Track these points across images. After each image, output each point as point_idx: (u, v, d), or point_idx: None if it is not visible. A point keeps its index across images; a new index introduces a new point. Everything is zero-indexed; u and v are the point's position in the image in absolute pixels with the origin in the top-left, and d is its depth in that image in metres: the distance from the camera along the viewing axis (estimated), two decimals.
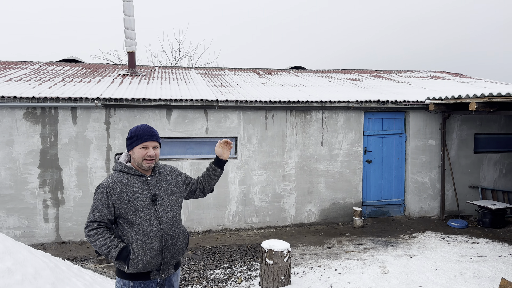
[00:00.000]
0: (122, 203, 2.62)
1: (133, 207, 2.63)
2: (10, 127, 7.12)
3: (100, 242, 2.57)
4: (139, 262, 2.60)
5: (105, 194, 2.62)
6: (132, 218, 2.63)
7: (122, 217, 2.64)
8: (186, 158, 7.92)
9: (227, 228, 8.10)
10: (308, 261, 6.25)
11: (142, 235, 2.62)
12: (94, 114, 7.45)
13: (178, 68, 12.89)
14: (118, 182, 2.65)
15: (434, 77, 13.35)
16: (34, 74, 9.76)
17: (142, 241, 2.61)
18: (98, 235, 2.58)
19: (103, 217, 2.62)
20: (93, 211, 2.63)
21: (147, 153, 2.68)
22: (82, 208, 7.44)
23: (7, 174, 7.14)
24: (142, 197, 2.66)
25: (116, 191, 2.62)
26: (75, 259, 6.43)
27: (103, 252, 2.58)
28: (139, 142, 2.68)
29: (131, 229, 2.63)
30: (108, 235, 2.60)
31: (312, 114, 8.38)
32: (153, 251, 2.63)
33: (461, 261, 6.04)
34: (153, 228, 2.64)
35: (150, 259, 2.63)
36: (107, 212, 2.62)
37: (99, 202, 2.62)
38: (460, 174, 9.10)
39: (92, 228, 2.60)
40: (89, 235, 2.60)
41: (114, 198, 2.61)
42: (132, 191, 2.65)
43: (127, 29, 10.55)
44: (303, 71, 13.86)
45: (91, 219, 2.62)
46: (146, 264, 2.62)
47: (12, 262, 3.28)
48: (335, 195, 8.57)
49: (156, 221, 2.66)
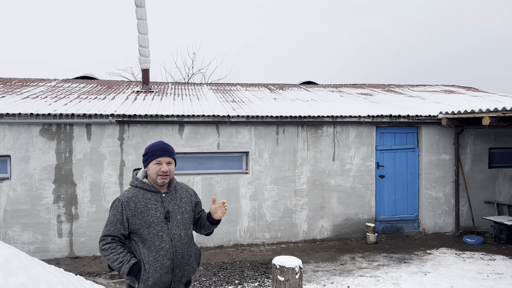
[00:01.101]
0: (136, 218, 2.64)
1: (146, 223, 2.64)
2: (26, 143, 7.28)
3: (113, 257, 2.59)
4: (149, 279, 2.61)
5: (120, 209, 2.65)
6: (145, 234, 2.64)
7: (135, 232, 2.66)
8: (198, 173, 7.97)
9: (239, 243, 8.08)
10: (321, 278, 6.18)
11: (153, 251, 2.63)
12: (108, 130, 7.58)
13: (191, 84, 13.06)
14: (134, 198, 2.68)
15: (446, 91, 13.27)
16: (51, 91, 10.00)
17: (153, 258, 2.62)
18: (111, 250, 2.61)
19: (117, 231, 2.64)
20: (107, 225, 2.66)
21: (160, 168, 2.71)
22: (96, 223, 7.52)
23: (22, 190, 7.27)
24: (156, 214, 2.68)
25: (131, 206, 2.65)
26: (87, 274, 6.47)
27: (115, 267, 2.60)
28: (153, 158, 2.73)
29: (143, 245, 2.64)
30: (121, 250, 2.62)
31: (323, 129, 8.39)
32: (164, 268, 2.63)
33: (477, 279, 5.91)
34: (165, 245, 2.65)
35: (161, 276, 2.63)
36: (121, 227, 2.65)
37: (114, 216, 2.65)
38: (475, 189, 8.96)
39: (106, 242, 2.63)
40: (102, 249, 2.63)
41: (129, 213, 2.64)
42: (146, 207, 2.67)
43: (141, 47, 10.77)
44: (315, 86, 13.91)
45: (105, 233, 2.65)
46: (157, 281, 2.62)
47: (25, 277, 3.32)
48: (347, 210, 8.50)
49: (168, 238, 2.67)
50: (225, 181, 8.00)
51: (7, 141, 7.21)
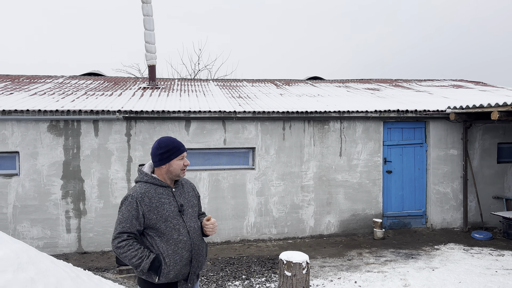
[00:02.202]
0: (152, 213, 2.63)
1: (163, 218, 2.65)
2: (34, 139, 7.34)
3: (131, 254, 2.56)
4: (170, 272, 2.61)
5: (135, 205, 2.61)
6: (162, 229, 2.64)
7: (152, 227, 2.65)
8: (204, 169, 7.99)
9: (246, 239, 8.09)
10: (328, 273, 6.18)
11: (172, 244, 2.64)
12: (115, 127, 7.60)
13: (197, 81, 13.06)
14: (147, 193, 2.67)
15: (455, 86, 13.14)
16: (58, 88, 10.05)
17: (172, 251, 2.63)
18: (129, 246, 2.57)
19: (132, 228, 2.61)
20: (122, 222, 2.61)
21: (183, 163, 2.78)
22: (104, 218, 7.57)
23: (31, 186, 7.34)
24: (170, 208, 2.69)
25: (146, 202, 2.64)
26: (96, 269, 6.52)
27: (133, 264, 2.56)
28: (177, 154, 2.76)
29: (161, 239, 2.64)
30: (138, 246, 2.60)
31: (330, 124, 8.35)
32: (183, 260, 2.67)
33: (485, 274, 5.87)
34: (183, 237, 2.68)
35: (181, 269, 2.66)
36: (137, 223, 2.61)
37: (129, 213, 2.61)
38: (483, 184, 8.88)
39: (122, 240, 2.58)
40: (118, 247, 2.57)
41: (144, 209, 2.62)
42: (161, 201, 2.68)
43: (147, 43, 10.78)
44: (321, 81, 13.85)
45: (120, 231, 2.59)
46: (177, 274, 2.65)
47: (35, 272, 3.35)
48: (354, 206, 8.48)
49: (185, 230, 2.70)
50: (231, 176, 8.00)
51: (16, 138, 7.27)
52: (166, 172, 2.77)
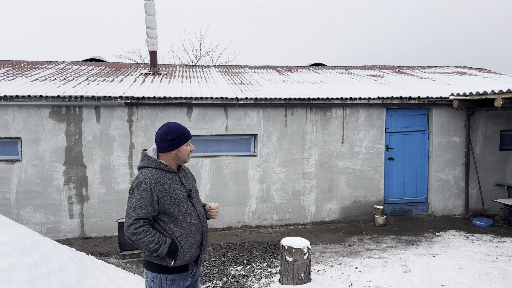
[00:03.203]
0: (165, 199, 2.66)
1: (175, 203, 2.69)
2: (36, 125, 7.33)
3: (148, 239, 2.56)
4: (186, 254, 2.69)
5: (149, 191, 2.61)
6: (175, 213, 2.69)
7: (165, 213, 2.68)
8: (206, 156, 7.99)
9: (247, 225, 8.14)
10: (329, 259, 6.22)
11: (186, 228, 2.71)
12: (117, 113, 7.59)
13: (199, 67, 12.99)
14: (159, 179, 2.67)
15: (458, 73, 13.05)
16: (59, 73, 10.01)
17: (186, 235, 2.70)
18: (146, 232, 2.57)
19: (148, 214, 2.61)
20: (137, 208, 2.59)
21: (189, 148, 2.84)
22: (106, 204, 7.61)
23: (33, 171, 7.36)
24: (180, 193, 2.75)
25: (159, 187, 2.65)
26: (99, 254, 6.58)
27: (151, 249, 2.57)
28: (186, 140, 2.80)
29: (174, 224, 2.69)
30: (154, 231, 2.61)
31: (332, 111, 8.32)
32: (196, 243, 2.76)
33: (486, 261, 5.90)
34: (194, 221, 2.76)
35: (194, 251, 2.75)
36: (152, 209, 2.62)
37: (144, 199, 2.60)
38: (485, 171, 8.87)
39: (139, 226, 2.57)
40: (135, 233, 2.56)
41: (159, 195, 2.64)
42: (172, 187, 2.71)
43: (148, 28, 10.70)
44: (323, 68, 13.76)
45: (136, 217, 2.58)
46: (191, 256, 2.74)
47: (38, 256, 3.38)
48: (356, 193, 8.49)
49: (196, 214, 2.79)
50: (233, 163, 8.01)
51: (18, 123, 7.27)
52: (174, 158, 2.79)
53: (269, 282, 5.33)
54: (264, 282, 5.34)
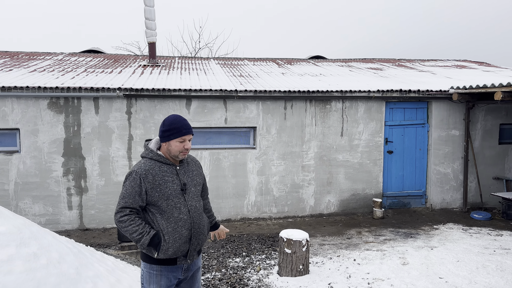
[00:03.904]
0: (154, 191, 2.66)
1: (165, 196, 2.67)
2: (34, 116, 7.30)
3: (132, 228, 2.60)
4: (169, 249, 2.65)
5: (139, 181, 2.64)
6: (163, 206, 2.67)
7: (153, 204, 2.68)
8: (205, 148, 7.98)
9: (246, 217, 8.15)
10: (327, 251, 6.24)
11: (172, 222, 2.67)
12: (116, 104, 7.56)
13: (198, 59, 12.93)
14: (151, 170, 2.68)
15: (458, 66, 13.01)
16: (58, 65, 9.96)
17: (172, 229, 2.66)
18: (130, 221, 2.61)
19: (135, 203, 2.64)
20: (125, 197, 2.64)
21: (184, 146, 2.70)
22: (105, 196, 7.60)
23: (32, 163, 7.35)
24: (173, 186, 2.71)
25: (149, 179, 2.65)
26: (98, 245, 6.59)
27: (134, 238, 2.61)
28: (177, 136, 2.69)
29: (162, 217, 2.68)
30: (139, 221, 2.64)
31: (332, 104, 8.30)
32: (182, 238, 2.69)
33: (483, 254, 5.92)
34: (183, 216, 2.70)
35: (180, 246, 2.69)
36: (140, 199, 2.65)
37: (132, 188, 2.64)
38: (484, 165, 8.89)
39: (124, 214, 2.62)
40: (120, 221, 2.62)
41: (147, 186, 2.64)
42: (164, 179, 2.69)
43: (147, 19, 10.62)
44: (323, 60, 13.71)
45: (123, 205, 2.64)
46: (176, 251, 2.68)
47: (37, 247, 3.38)
48: (354, 186, 8.50)
49: (186, 209, 2.72)
50: (232, 156, 8.00)
51: (16, 114, 7.24)
52: (167, 151, 2.77)
53: (267, 274, 5.35)
54: (262, 274, 5.36)
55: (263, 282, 5.09)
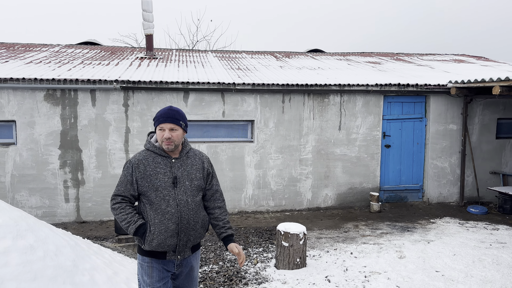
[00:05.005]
0: (144, 181, 2.69)
1: (154, 187, 2.68)
2: (31, 108, 7.25)
3: (121, 216, 2.68)
4: (154, 240, 2.66)
5: (131, 170, 2.71)
6: (152, 197, 2.69)
7: (144, 195, 2.72)
8: (203, 141, 7.96)
9: (243, 210, 8.16)
10: (324, 245, 6.26)
11: (159, 214, 2.66)
12: (112, 97, 7.52)
13: (196, 51, 12.86)
14: (144, 161, 2.72)
15: (456, 61, 13.00)
16: (54, 56, 9.88)
17: (159, 221, 2.66)
18: (121, 210, 2.69)
19: (127, 192, 2.71)
20: (119, 185, 2.74)
21: (163, 135, 2.68)
22: (102, 188, 7.58)
23: (28, 155, 7.31)
24: (164, 178, 2.70)
25: (141, 169, 2.70)
26: (95, 238, 6.59)
27: (123, 226, 2.68)
28: (156, 124, 2.73)
29: (151, 208, 2.69)
30: (129, 210, 2.70)
31: (330, 97, 8.28)
32: (168, 231, 2.66)
33: (480, 247, 5.95)
34: (171, 209, 2.67)
35: (165, 239, 2.67)
36: (131, 188, 2.71)
37: (125, 177, 2.72)
38: (481, 159, 8.91)
39: (116, 202, 2.72)
40: (113, 208, 2.72)
41: (138, 176, 2.70)
42: (155, 171, 2.70)
43: (144, 11, 10.54)
44: (322, 54, 13.66)
45: (116, 193, 2.73)
46: (161, 244, 2.67)
47: (34, 239, 3.36)
48: (352, 179, 8.51)
49: (174, 203, 2.68)
50: (230, 149, 7.99)
51: (12, 106, 7.19)
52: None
53: (264, 267, 5.36)
54: (260, 267, 5.37)
55: (260, 275, 5.10)
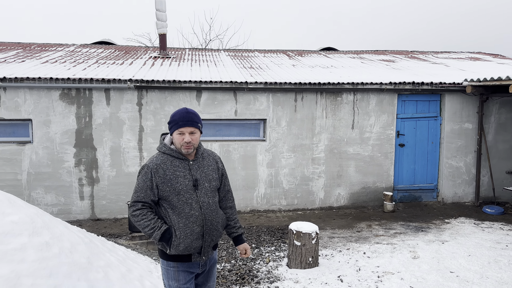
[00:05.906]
0: (165, 186, 2.63)
1: (176, 191, 2.64)
2: (47, 107, 7.37)
3: (144, 223, 2.62)
4: (180, 244, 2.63)
5: (150, 175, 2.64)
6: (174, 202, 2.64)
7: (165, 199, 2.66)
8: (215, 140, 7.98)
9: (255, 209, 8.16)
10: (337, 244, 6.23)
11: (183, 218, 2.64)
12: (126, 96, 7.59)
13: (208, 50, 12.90)
14: (162, 165, 2.66)
15: (472, 59, 12.79)
16: (69, 56, 10.01)
17: (183, 224, 2.63)
18: (142, 216, 2.63)
19: (147, 198, 2.65)
20: (137, 191, 2.66)
21: (183, 139, 2.64)
22: (116, 187, 7.67)
23: (44, 153, 7.43)
24: (184, 181, 2.66)
25: (160, 173, 2.63)
26: (109, 235, 6.66)
27: (146, 233, 2.63)
28: (175, 128, 2.65)
29: (173, 212, 2.65)
30: (151, 216, 2.64)
31: (343, 96, 8.23)
32: (194, 234, 2.66)
33: (495, 248, 5.86)
34: (194, 212, 2.66)
35: (191, 242, 2.66)
36: (151, 194, 2.65)
37: (144, 183, 2.65)
38: (497, 159, 8.75)
39: (137, 209, 2.65)
40: (133, 215, 2.65)
41: (158, 181, 2.63)
42: (175, 174, 2.66)
43: (158, 11, 10.61)
44: (335, 52, 13.58)
45: (135, 199, 2.66)
46: (188, 247, 2.65)
47: (49, 236, 3.42)
48: (365, 179, 8.45)
49: (197, 205, 2.67)
50: (242, 148, 8.00)
51: (28, 105, 7.31)
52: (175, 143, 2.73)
53: (277, 266, 5.36)
54: (272, 266, 5.37)
55: (272, 274, 5.10)
